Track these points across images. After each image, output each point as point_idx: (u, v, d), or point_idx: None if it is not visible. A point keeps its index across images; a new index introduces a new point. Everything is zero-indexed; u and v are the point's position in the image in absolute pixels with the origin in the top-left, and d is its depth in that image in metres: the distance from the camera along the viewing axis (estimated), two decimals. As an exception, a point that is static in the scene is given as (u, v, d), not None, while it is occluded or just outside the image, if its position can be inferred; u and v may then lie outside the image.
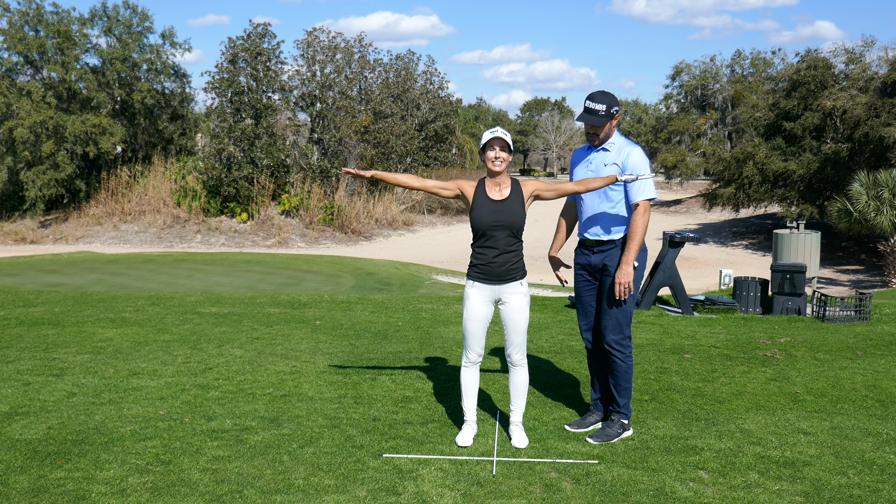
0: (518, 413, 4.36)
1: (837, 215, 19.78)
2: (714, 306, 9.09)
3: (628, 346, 4.47)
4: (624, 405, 4.49)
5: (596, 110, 4.37)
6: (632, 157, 4.39)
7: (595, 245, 4.52)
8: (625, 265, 4.33)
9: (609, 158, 4.45)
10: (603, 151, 4.48)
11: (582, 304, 4.66)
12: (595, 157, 4.50)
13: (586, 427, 4.60)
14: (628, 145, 4.47)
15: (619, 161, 4.41)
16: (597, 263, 4.51)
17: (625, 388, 4.48)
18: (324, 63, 32.29)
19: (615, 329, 4.45)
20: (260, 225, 28.53)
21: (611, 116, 4.38)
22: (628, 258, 4.34)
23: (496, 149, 4.13)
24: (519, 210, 4.16)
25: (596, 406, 4.70)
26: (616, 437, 4.42)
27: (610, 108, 4.37)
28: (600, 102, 4.37)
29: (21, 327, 7.67)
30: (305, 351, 6.62)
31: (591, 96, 4.42)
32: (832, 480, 3.90)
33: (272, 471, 3.92)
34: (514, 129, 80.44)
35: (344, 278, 16.96)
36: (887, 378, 5.88)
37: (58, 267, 18.71)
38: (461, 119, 53.62)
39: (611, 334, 4.45)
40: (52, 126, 28.05)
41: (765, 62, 45.46)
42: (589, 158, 4.53)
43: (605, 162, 4.45)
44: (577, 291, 4.68)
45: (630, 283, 4.33)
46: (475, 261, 4.24)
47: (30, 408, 4.92)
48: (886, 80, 26.14)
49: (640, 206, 4.37)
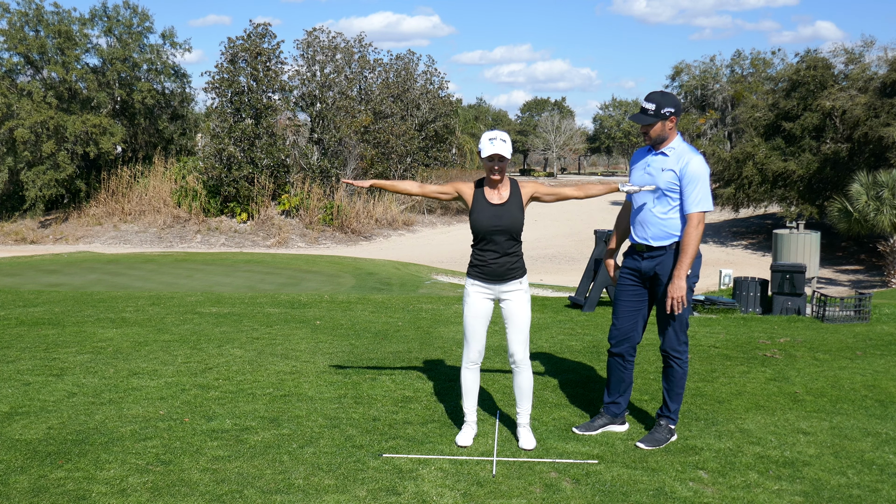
0: (525, 415, 4.36)
1: (837, 215, 19.79)
2: (714, 306, 9.09)
3: (685, 351, 4.38)
4: (674, 410, 4.42)
5: (647, 109, 4.24)
6: (691, 165, 4.21)
7: (645, 250, 4.39)
8: (677, 279, 4.21)
9: (667, 164, 4.27)
10: (661, 156, 4.32)
11: (623, 308, 4.52)
12: (654, 161, 4.35)
13: (594, 430, 4.54)
14: (689, 152, 4.26)
15: (678, 168, 4.24)
16: (647, 270, 4.39)
17: (678, 394, 4.41)
18: (324, 63, 32.31)
19: (672, 336, 4.35)
20: (260, 225, 28.53)
21: (662, 117, 4.22)
22: (681, 272, 4.21)
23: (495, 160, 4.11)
24: (518, 213, 4.16)
25: (607, 409, 4.61)
26: (665, 441, 4.35)
27: (661, 109, 4.22)
28: (652, 102, 4.24)
29: (21, 327, 7.67)
30: (305, 351, 6.63)
31: (647, 95, 4.30)
32: (832, 480, 3.90)
33: (272, 471, 3.93)
34: (514, 130, 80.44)
35: (344, 278, 16.96)
36: (887, 378, 5.89)
37: (58, 267, 18.71)
38: (461, 119, 53.62)
39: (668, 341, 4.37)
40: (53, 126, 28.06)
41: (764, 62, 45.44)
42: (648, 161, 4.38)
43: (662, 167, 4.29)
44: (618, 293, 4.55)
45: (683, 297, 4.21)
46: (475, 261, 4.24)
47: (30, 408, 4.92)
48: (886, 81, 26.15)
49: (693, 218, 4.21)
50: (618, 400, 4.59)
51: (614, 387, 4.59)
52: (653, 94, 4.29)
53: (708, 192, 4.25)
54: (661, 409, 4.49)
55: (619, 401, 4.59)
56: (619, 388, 4.58)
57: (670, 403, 4.43)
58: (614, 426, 4.61)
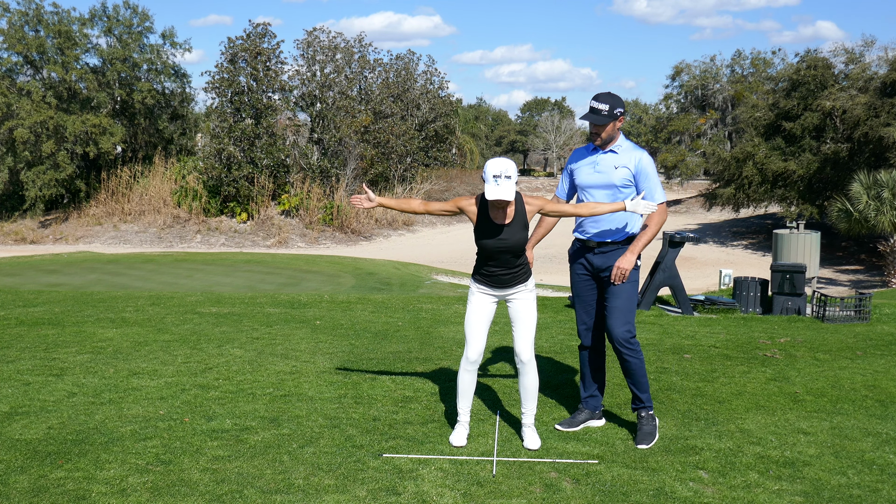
0: (530, 415, 4.39)
1: (837, 215, 19.78)
2: (714, 306, 9.09)
3: (636, 342, 4.47)
4: (647, 398, 4.50)
5: (599, 110, 4.40)
6: (643, 160, 4.45)
7: (597, 247, 4.53)
8: (630, 253, 4.39)
9: (619, 161, 4.47)
10: (611, 153, 4.50)
11: (583, 303, 4.69)
12: (603, 159, 4.51)
13: (576, 426, 4.63)
14: (636, 149, 4.51)
15: (631, 165, 4.44)
16: (600, 265, 4.53)
17: (642, 383, 4.49)
18: (324, 63, 32.29)
19: (620, 326, 4.42)
20: (260, 225, 28.53)
21: (614, 117, 4.40)
22: (635, 249, 4.40)
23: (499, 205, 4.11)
24: (523, 233, 4.19)
25: (586, 404, 4.72)
26: (655, 429, 4.43)
27: (613, 109, 4.40)
28: (604, 102, 4.40)
29: (21, 327, 7.67)
30: (305, 351, 6.63)
31: (596, 97, 4.46)
32: (832, 480, 3.90)
33: (272, 471, 3.92)
34: (514, 129, 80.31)
35: (344, 278, 16.96)
36: (887, 378, 5.89)
37: (58, 267, 18.71)
38: (461, 119, 53.57)
39: (618, 333, 4.43)
40: (53, 126, 28.05)
41: (765, 62, 45.44)
42: (595, 160, 4.53)
43: (615, 164, 4.47)
44: (578, 291, 4.70)
45: (629, 270, 4.36)
46: (482, 271, 4.29)
47: (30, 408, 4.92)
48: (886, 80, 26.15)
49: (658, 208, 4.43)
50: (595, 393, 4.72)
51: (589, 381, 4.74)
52: (603, 95, 4.45)
53: (660, 184, 4.51)
54: (634, 403, 4.56)
55: (596, 394, 4.73)
56: (595, 380, 4.72)
57: (640, 394, 4.51)
58: (593, 421, 4.70)
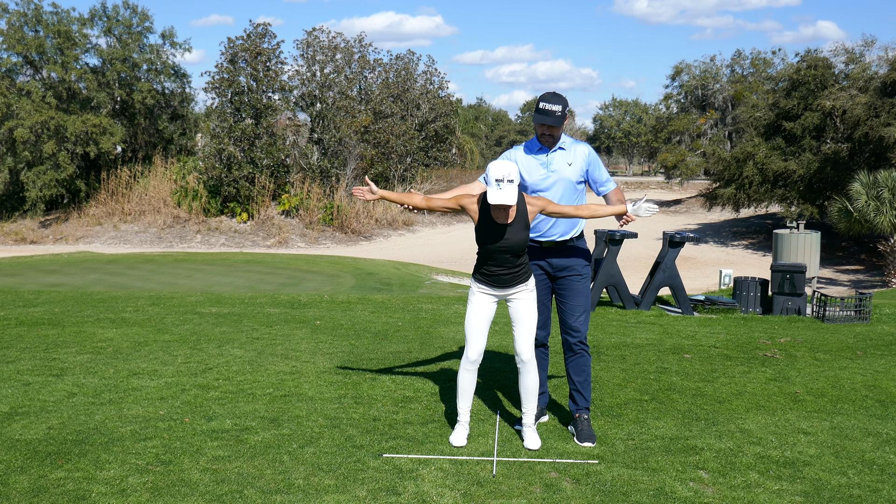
0: (530, 415, 4.39)
1: (837, 215, 19.78)
2: (714, 306, 9.09)
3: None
4: (589, 399, 4.56)
5: (553, 111, 4.35)
6: (590, 152, 4.53)
7: (555, 247, 4.53)
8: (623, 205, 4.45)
9: (569, 157, 4.50)
10: (560, 151, 4.50)
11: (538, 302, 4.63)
12: (554, 158, 4.49)
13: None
14: (577, 143, 4.55)
15: (582, 158, 4.49)
16: (559, 265, 4.55)
17: (589, 382, 4.57)
18: (324, 63, 32.28)
19: (585, 324, 4.54)
20: (260, 225, 28.53)
21: (565, 117, 4.40)
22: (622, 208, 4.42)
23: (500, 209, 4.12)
24: (524, 233, 4.19)
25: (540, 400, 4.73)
26: (593, 432, 4.45)
27: (564, 109, 4.39)
28: (556, 104, 4.36)
29: (21, 327, 7.67)
30: (305, 351, 6.62)
31: (546, 98, 4.39)
32: (832, 480, 3.90)
33: (272, 471, 3.92)
34: (514, 130, 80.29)
35: (344, 278, 16.96)
36: (887, 378, 5.89)
37: (58, 267, 18.71)
38: (461, 119, 53.58)
39: (584, 331, 4.52)
40: (53, 126, 28.04)
41: (765, 62, 45.46)
42: (547, 160, 4.49)
43: (567, 161, 4.48)
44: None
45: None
46: (482, 270, 4.29)
47: (30, 408, 4.92)
48: (886, 80, 26.13)
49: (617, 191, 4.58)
50: (544, 389, 4.76)
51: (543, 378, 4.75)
52: (551, 96, 4.39)
53: None
54: (578, 403, 4.54)
55: (545, 390, 4.77)
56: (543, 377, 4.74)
57: (586, 394, 4.53)
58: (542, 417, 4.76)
